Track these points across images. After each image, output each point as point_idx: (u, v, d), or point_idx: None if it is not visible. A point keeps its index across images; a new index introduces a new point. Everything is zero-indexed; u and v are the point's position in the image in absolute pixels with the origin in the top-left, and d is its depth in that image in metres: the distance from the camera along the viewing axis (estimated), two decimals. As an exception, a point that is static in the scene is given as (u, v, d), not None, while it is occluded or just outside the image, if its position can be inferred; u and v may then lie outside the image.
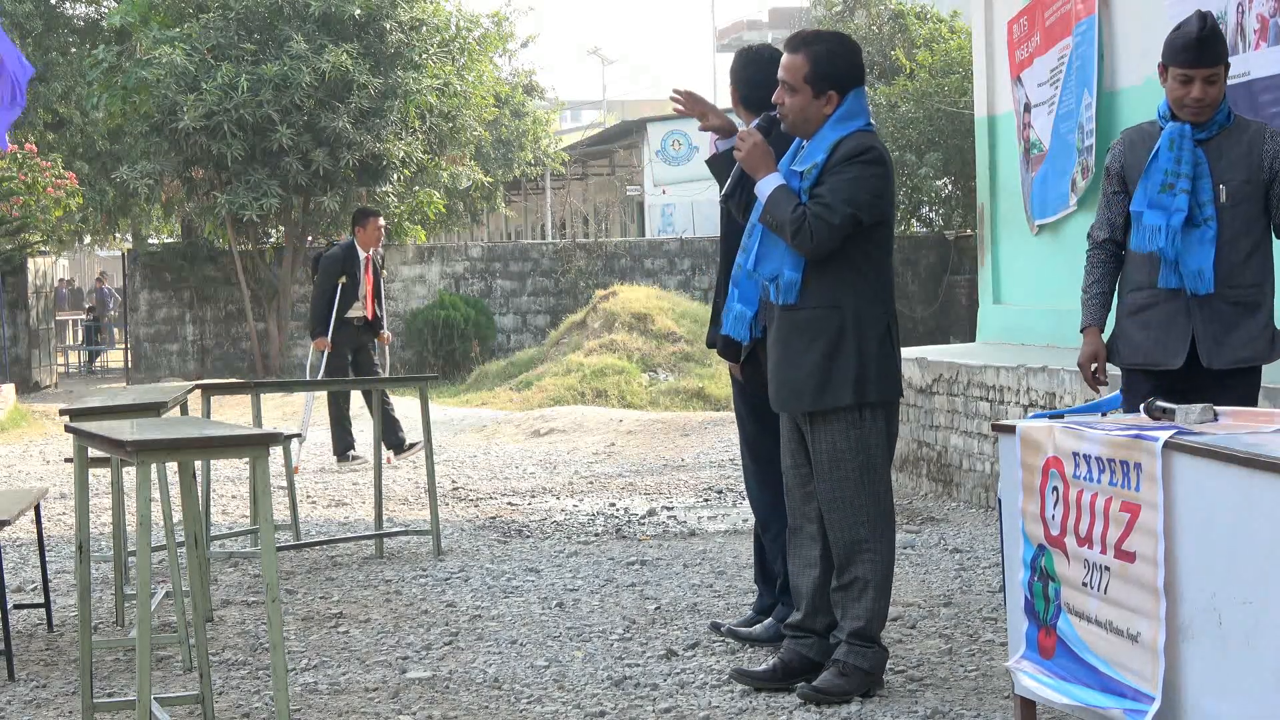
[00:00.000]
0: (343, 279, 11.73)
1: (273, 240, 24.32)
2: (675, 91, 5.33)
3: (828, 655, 4.97)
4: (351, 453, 11.98)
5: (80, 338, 34.00)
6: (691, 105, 5.35)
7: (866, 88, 5.17)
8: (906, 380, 9.85)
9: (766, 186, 4.85)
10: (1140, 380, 4.99)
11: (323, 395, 13.04)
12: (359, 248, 11.83)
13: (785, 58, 4.93)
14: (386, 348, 12.41)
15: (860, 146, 4.85)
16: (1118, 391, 4.94)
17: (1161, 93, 5.04)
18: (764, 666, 5.11)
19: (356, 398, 13.03)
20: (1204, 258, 4.88)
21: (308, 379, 12.40)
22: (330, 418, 12.05)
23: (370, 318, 11.85)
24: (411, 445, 11.69)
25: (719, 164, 5.33)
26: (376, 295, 11.91)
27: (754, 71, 5.64)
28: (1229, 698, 3.38)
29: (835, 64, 4.89)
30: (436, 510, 8.03)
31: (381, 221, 12.13)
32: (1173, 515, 3.55)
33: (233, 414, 14.92)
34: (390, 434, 11.48)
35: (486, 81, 24.90)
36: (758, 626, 5.71)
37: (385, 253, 12.53)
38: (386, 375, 12.75)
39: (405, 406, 13.09)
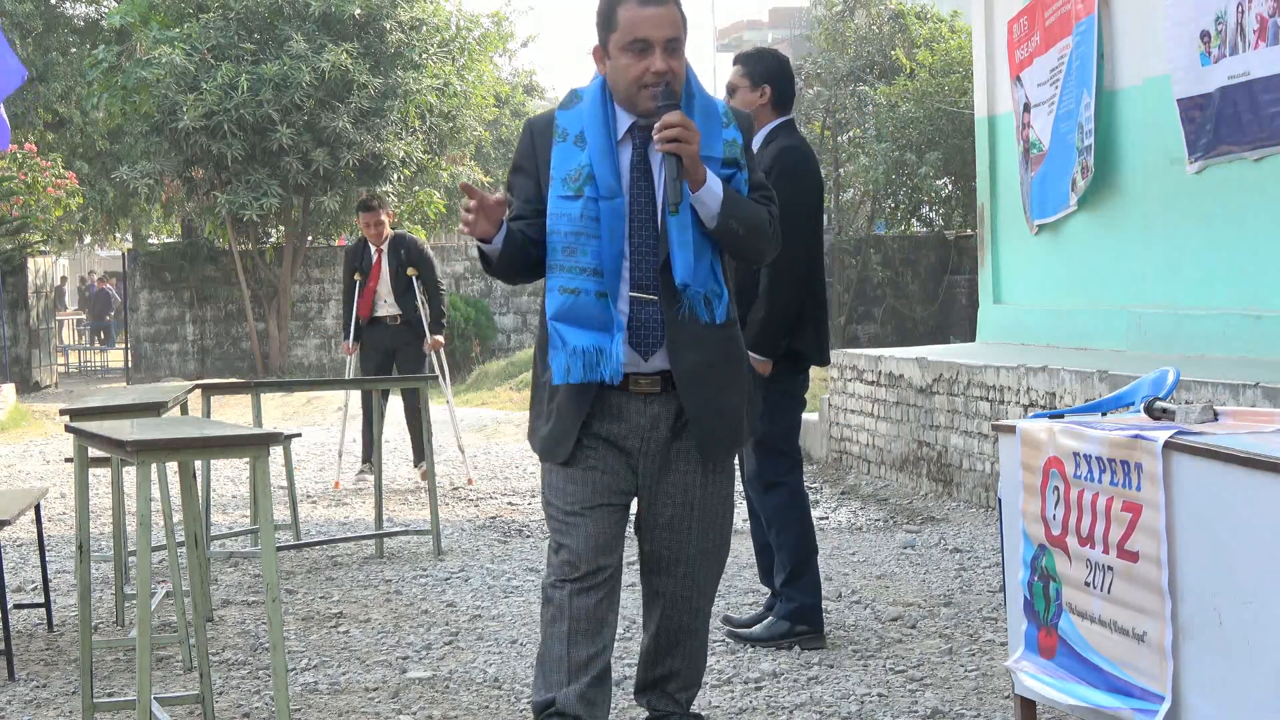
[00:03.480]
0: (356, 276, 10.85)
1: (273, 240, 24.33)
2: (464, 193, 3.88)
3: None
4: (364, 467, 11.01)
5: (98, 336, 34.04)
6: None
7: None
8: (907, 380, 9.86)
9: (717, 186, 3.88)
10: None
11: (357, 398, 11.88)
12: (369, 243, 10.90)
13: (661, 11, 3.84)
14: (433, 355, 10.92)
15: (750, 119, 4.17)
16: (1119, 391, 4.93)
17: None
18: None
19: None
20: None
21: (308, 379, 12.25)
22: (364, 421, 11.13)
23: (365, 315, 10.70)
24: (363, 471, 10.98)
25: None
26: (397, 294, 10.72)
27: (792, 72, 5.72)
28: (1229, 697, 3.38)
29: None
30: (436, 510, 8.03)
31: (380, 216, 10.86)
32: (1173, 515, 3.55)
33: (233, 414, 14.92)
34: (416, 447, 10.87)
35: (486, 81, 24.92)
36: (758, 626, 5.71)
37: (409, 246, 10.89)
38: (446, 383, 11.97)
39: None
